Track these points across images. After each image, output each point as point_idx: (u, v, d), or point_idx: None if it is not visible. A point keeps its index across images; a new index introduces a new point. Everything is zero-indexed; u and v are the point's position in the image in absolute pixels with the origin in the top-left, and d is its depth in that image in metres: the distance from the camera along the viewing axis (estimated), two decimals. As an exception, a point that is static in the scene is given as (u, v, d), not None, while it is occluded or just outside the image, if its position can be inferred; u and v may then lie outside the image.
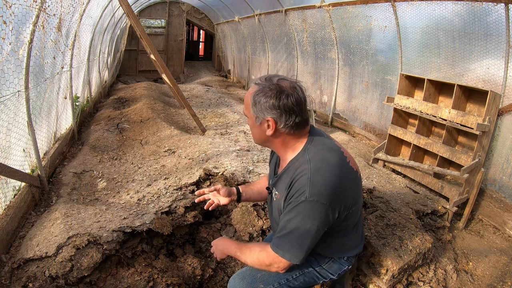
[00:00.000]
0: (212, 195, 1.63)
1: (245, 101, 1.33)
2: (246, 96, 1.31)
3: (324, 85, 5.93)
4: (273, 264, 1.26)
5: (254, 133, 1.36)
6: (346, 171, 1.25)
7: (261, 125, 1.28)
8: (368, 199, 2.73)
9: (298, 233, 1.19)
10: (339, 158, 1.26)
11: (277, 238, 1.25)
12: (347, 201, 1.25)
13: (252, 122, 1.32)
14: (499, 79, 2.86)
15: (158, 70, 6.04)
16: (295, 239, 1.20)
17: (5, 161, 2.22)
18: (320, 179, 1.17)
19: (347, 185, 1.24)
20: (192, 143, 3.88)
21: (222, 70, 12.54)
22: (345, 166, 1.27)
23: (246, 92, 1.55)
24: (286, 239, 1.22)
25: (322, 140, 1.33)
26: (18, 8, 2.22)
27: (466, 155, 2.84)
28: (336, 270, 1.48)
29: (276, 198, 1.38)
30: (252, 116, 1.30)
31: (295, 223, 1.19)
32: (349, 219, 1.33)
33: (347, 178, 1.25)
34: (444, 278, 2.22)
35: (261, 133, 1.31)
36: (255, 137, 1.38)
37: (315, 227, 1.18)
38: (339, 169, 1.22)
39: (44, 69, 2.99)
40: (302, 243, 1.20)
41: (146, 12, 11.00)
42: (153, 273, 1.96)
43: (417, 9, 3.58)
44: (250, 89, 1.30)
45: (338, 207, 1.22)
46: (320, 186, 1.16)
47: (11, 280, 1.76)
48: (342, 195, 1.21)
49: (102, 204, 2.65)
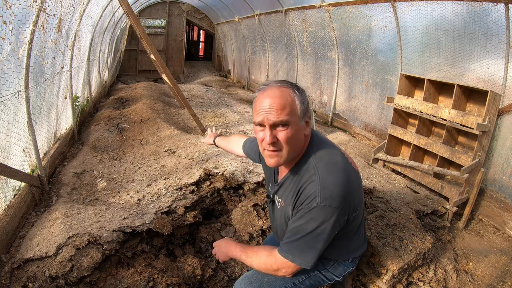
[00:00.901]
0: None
1: (281, 105, 1.14)
2: (281, 98, 1.15)
3: (324, 85, 5.93)
4: (281, 269, 1.25)
5: (297, 139, 1.20)
6: (350, 172, 1.24)
7: (303, 125, 1.21)
8: (368, 199, 2.73)
9: (309, 238, 1.18)
10: (343, 160, 1.25)
11: (286, 244, 1.23)
12: (355, 202, 1.24)
13: (296, 127, 1.17)
14: (499, 79, 2.86)
15: (158, 70, 6.04)
16: (307, 243, 1.19)
17: (5, 161, 2.22)
18: (329, 184, 1.15)
19: (354, 187, 1.23)
20: (192, 143, 3.88)
21: (222, 70, 12.54)
22: (349, 167, 1.26)
23: (245, 93, 1.44)
24: (297, 244, 1.20)
25: (323, 141, 1.31)
26: (18, 8, 2.22)
27: (466, 155, 2.84)
28: (341, 272, 1.48)
29: (281, 205, 1.35)
30: (298, 118, 1.17)
31: (307, 228, 1.17)
32: (354, 221, 1.32)
33: (353, 179, 1.23)
34: (444, 278, 2.22)
35: (302, 137, 1.22)
36: (296, 147, 1.21)
37: (327, 231, 1.17)
38: (345, 171, 1.21)
39: (44, 69, 2.99)
40: (314, 247, 1.19)
41: (146, 12, 11.00)
42: (153, 273, 1.96)
43: (417, 9, 3.58)
44: (283, 91, 1.17)
45: (348, 209, 1.20)
46: (331, 191, 1.14)
47: (11, 280, 1.76)
48: (350, 197, 1.20)
49: (102, 204, 2.65)
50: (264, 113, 1.15)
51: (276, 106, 1.14)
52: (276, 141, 1.17)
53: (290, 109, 1.15)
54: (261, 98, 1.18)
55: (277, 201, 1.40)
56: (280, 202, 1.36)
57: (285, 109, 1.14)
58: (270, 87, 1.19)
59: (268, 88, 1.19)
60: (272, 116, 1.14)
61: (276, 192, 1.39)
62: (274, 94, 1.16)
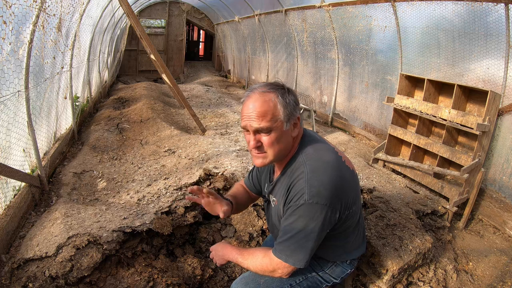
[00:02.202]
0: (205, 202, 1.42)
1: (262, 112, 1.15)
2: (262, 105, 1.15)
3: (324, 85, 5.93)
4: (277, 269, 1.25)
5: (282, 143, 1.21)
6: (342, 170, 1.24)
7: (289, 128, 1.21)
8: (368, 199, 2.73)
9: (300, 236, 1.18)
10: (335, 157, 1.25)
11: (279, 244, 1.24)
12: (347, 200, 1.25)
13: (279, 132, 1.19)
14: (499, 79, 2.86)
15: (158, 70, 6.04)
16: (297, 242, 1.19)
17: (5, 161, 2.22)
18: (317, 181, 1.16)
19: (345, 184, 1.23)
20: (192, 143, 3.88)
21: (222, 70, 12.55)
22: (341, 164, 1.26)
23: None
24: (289, 244, 1.21)
25: (315, 140, 1.32)
26: (18, 8, 2.22)
27: (466, 155, 2.84)
28: (339, 274, 1.47)
29: (274, 204, 1.37)
30: (280, 123, 1.18)
31: (296, 226, 1.18)
32: (349, 220, 1.32)
33: (344, 177, 1.23)
34: (444, 278, 2.22)
35: (289, 139, 1.23)
36: (282, 148, 1.22)
37: (317, 229, 1.17)
38: (335, 168, 1.21)
39: (44, 69, 2.99)
40: (305, 246, 1.19)
41: (146, 12, 11.00)
42: (153, 273, 1.96)
43: (417, 9, 3.58)
44: (265, 97, 1.17)
45: (338, 207, 1.21)
46: (318, 187, 1.15)
47: (11, 280, 1.76)
48: (341, 194, 1.20)
49: (102, 204, 2.65)
50: (247, 120, 1.19)
51: (257, 113, 1.16)
52: (260, 145, 1.21)
53: (271, 116, 1.17)
54: (245, 104, 1.21)
55: (271, 200, 1.40)
56: (274, 201, 1.37)
57: (266, 116, 1.16)
58: (254, 93, 1.21)
59: (252, 94, 1.21)
60: (254, 123, 1.17)
61: (271, 191, 1.40)
62: (256, 100, 1.18)
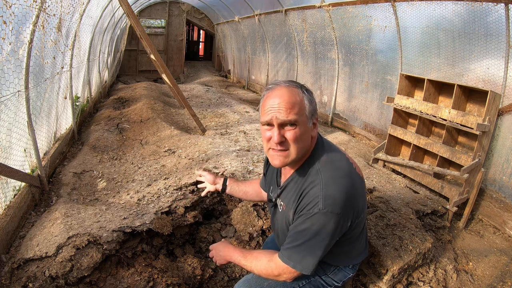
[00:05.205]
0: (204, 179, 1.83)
1: (291, 103, 1.14)
2: (291, 97, 1.14)
3: (324, 85, 5.93)
4: (282, 274, 1.24)
5: (304, 140, 1.19)
6: (354, 178, 1.22)
7: (311, 126, 1.20)
8: (368, 199, 2.73)
9: (310, 244, 1.17)
10: (348, 166, 1.23)
11: (287, 249, 1.22)
12: (357, 208, 1.23)
13: (304, 127, 1.17)
14: (499, 79, 2.86)
15: (158, 70, 6.04)
16: (307, 250, 1.18)
17: (5, 161, 2.22)
18: (333, 190, 1.13)
19: (357, 193, 1.21)
20: (192, 143, 3.88)
21: (222, 70, 12.55)
22: (354, 173, 1.24)
23: (245, 93, 1.43)
24: (298, 250, 1.19)
25: (329, 146, 1.30)
26: (18, 8, 2.22)
27: (466, 155, 2.84)
28: (341, 278, 1.47)
29: (282, 209, 1.34)
30: (306, 118, 1.17)
31: (308, 234, 1.16)
32: (357, 227, 1.31)
33: (357, 186, 1.21)
34: (444, 278, 2.22)
35: (309, 138, 1.21)
36: (303, 147, 1.20)
37: (329, 237, 1.15)
38: (349, 178, 1.19)
39: (44, 69, 2.99)
40: (314, 254, 1.18)
41: (146, 12, 11.01)
42: (153, 273, 1.96)
43: (417, 9, 3.58)
44: (292, 91, 1.16)
45: (351, 215, 1.19)
46: (334, 197, 1.13)
47: (11, 280, 1.76)
48: (353, 204, 1.19)
49: (102, 204, 2.65)
50: (273, 112, 1.14)
51: (285, 105, 1.13)
52: (284, 141, 1.16)
53: (299, 109, 1.14)
54: (269, 97, 1.17)
55: (279, 205, 1.38)
56: (282, 206, 1.34)
57: (294, 108, 1.14)
58: (279, 86, 1.18)
59: (277, 88, 1.18)
60: (281, 115, 1.13)
61: (279, 195, 1.37)
62: (283, 93, 1.15)
